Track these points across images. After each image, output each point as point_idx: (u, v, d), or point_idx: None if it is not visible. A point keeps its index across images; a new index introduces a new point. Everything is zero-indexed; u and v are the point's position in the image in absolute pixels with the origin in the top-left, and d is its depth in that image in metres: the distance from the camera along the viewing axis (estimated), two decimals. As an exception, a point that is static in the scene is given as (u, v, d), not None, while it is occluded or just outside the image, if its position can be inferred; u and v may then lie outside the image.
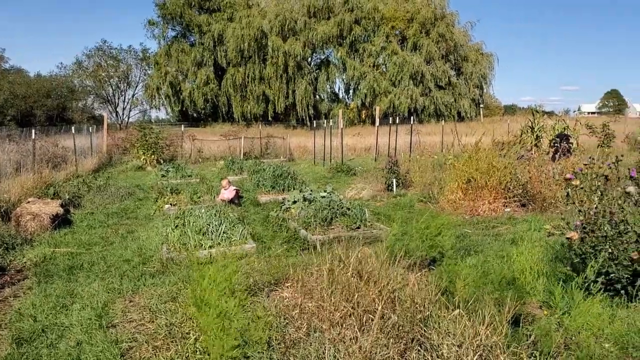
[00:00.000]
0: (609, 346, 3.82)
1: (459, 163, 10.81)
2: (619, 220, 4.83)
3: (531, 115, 20.08)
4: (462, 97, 58.46)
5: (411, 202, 11.23)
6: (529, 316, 4.56)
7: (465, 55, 59.47)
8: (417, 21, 56.79)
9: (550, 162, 12.03)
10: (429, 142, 27.33)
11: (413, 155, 19.58)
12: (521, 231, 7.66)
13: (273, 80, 54.75)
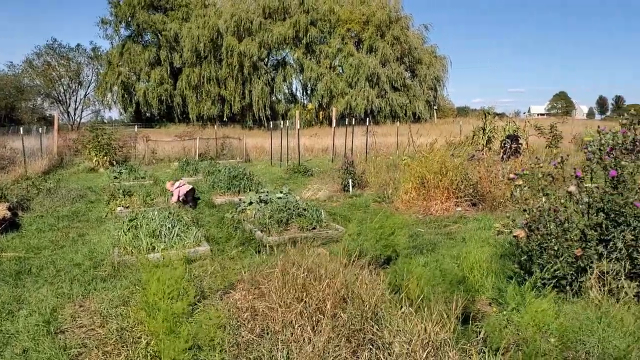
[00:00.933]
0: (554, 341, 3.96)
1: (413, 164, 10.98)
2: (563, 218, 5.00)
3: (483, 116, 20.54)
4: (416, 98, 59.34)
5: (367, 202, 11.34)
6: (478, 313, 4.67)
7: (419, 58, 60.40)
8: (372, 24, 57.37)
9: (501, 162, 12.34)
10: (385, 142, 27.63)
11: (369, 155, 19.78)
12: (471, 230, 7.85)
13: (229, 80, 54.36)
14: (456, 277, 5.21)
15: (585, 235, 4.91)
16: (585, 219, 5.00)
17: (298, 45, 56.48)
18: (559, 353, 3.78)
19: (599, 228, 4.89)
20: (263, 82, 55.51)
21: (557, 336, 3.99)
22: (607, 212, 4.84)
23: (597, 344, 3.79)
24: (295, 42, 56.29)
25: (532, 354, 3.64)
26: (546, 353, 3.72)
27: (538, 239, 4.99)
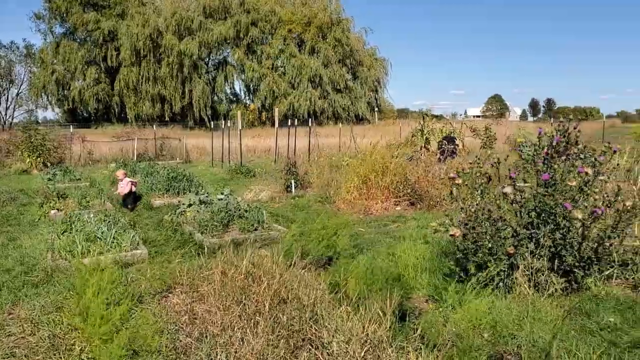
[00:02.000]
0: (487, 335, 4.09)
1: (355, 164, 11.11)
2: (497, 217, 5.18)
3: (421, 118, 21.06)
4: (358, 100, 60.05)
5: (309, 202, 11.38)
6: (416, 310, 4.78)
7: (360, 60, 61.16)
8: (314, 25, 57.65)
9: (438, 162, 12.67)
10: (328, 143, 27.80)
11: (312, 156, 19.85)
12: (410, 229, 8.01)
13: (169, 80, 53.35)
14: (394, 275, 5.30)
15: (518, 234, 5.10)
16: (517, 218, 5.20)
17: (239, 45, 56.10)
18: (492, 347, 3.91)
19: (530, 227, 5.09)
20: (204, 82, 54.81)
21: (490, 331, 4.13)
22: (538, 212, 5.04)
23: (526, 336, 3.95)
24: (236, 42, 55.90)
25: (466, 349, 3.75)
26: (480, 348, 3.85)
27: (473, 238, 5.13)
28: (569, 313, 4.50)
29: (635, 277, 5.10)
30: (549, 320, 4.24)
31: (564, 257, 4.85)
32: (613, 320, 4.27)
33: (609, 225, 4.91)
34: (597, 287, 4.94)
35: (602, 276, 5.10)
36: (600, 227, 4.97)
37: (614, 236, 4.94)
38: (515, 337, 3.99)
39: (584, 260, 4.88)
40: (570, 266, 4.86)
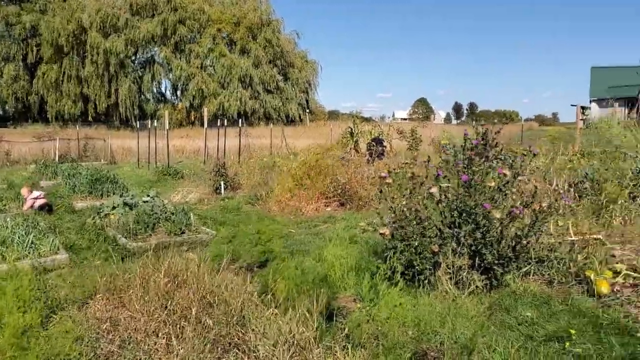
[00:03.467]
0: (411, 332, 4.18)
1: (286, 165, 11.11)
2: (424, 217, 5.31)
3: (351, 120, 21.34)
4: (289, 101, 60.07)
5: (239, 204, 11.27)
6: (343, 310, 4.82)
7: (291, 62, 61.19)
8: (243, 25, 57.17)
9: (367, 163, 12.88)
10: (259, 144, 27.62)
11: (242, 157, 19.69)
12: (339, 229, 8.09)
13: (94, 78, 51.35)
14: (322, 275, 5.33)
15: (442, 233, 5.25)
16: (442, 218, 5.35)
17: (167, 44, 54.87)
18: (416, 344, 4.00)
19: (453, 226, 5.25)
20: (130, 81, 53.18)
21: (414, 328, 4.22)
22: (460, 212, 5.21)
23: (449, 333, 4.07)
24: (164, 40, 54.63)
25: (390, 347, 3.82)
26: (404, 345, 3.93)
27: (401, 236, 5.24)
28: (489, 309, 4.68)
29: (551, 273, 5.36)
30: (471, 316, 4.40)
31: (484, 255, 5.03)
32: (530, 315, 4.47)
33: (527, 224, 5.13)
34: (515, 284, 5.16)
35: (520, 273, 5.33)
36: (518, 225, 5.19)
37: (531, 234, 5.17)
38: (438, 333, 4.10)
39: (503, 257, 5.08)
40: (490, 264, 5.04)
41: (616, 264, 5.32)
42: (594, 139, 11.66)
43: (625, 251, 6.07)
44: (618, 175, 8.32)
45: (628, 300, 4.77)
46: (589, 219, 7.13)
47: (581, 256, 5.46)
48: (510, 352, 3.73)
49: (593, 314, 4.50)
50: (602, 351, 3.83)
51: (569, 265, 5.36)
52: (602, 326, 4.25)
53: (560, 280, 5.26)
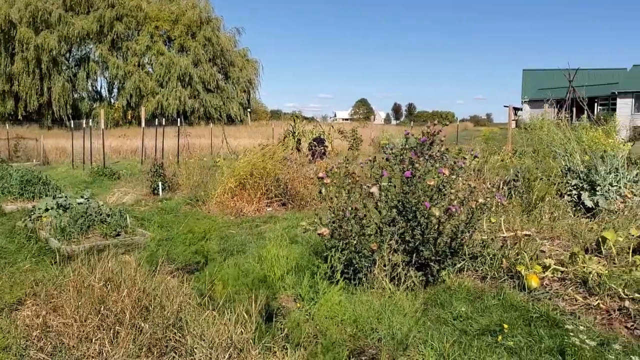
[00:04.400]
0: (350, 330, 4.22)
1: (227, 165, 10.98)
2: (363, 215, 5.37)
3: (293, 120, 21.37)
4: (230, 100, 59.48)
5: (178, 205, 11.06)
6: (283, 310, 4.82)
7: (232, 61, 60.58)
8: (182, 23, 56.21)
9: (308, 163, 12.91)
10: (199, 144, 27.25)
11: (182, 157, 19.32)
12: (281, 229, 8.07)
13: (24, 75, 49.16)
14: (261, 276, 5.32)
15: (382, 231, 5.33)
16: (381, 216, 5.43)
17: (103, 41, 53.25)
18: (354, 342, 4.05)
19: (392, 224, 5.34)
20: (64, 79, 51.27)
21: (353, 325, 4.27)
22: (400, 210, 5.30)
23: (386, 329, 4.14)
24: (99, 37, 52.99)
25: (329, 346, 3.85)
26: (342, 343, 3.96)
27: (340, 235, 5.28)
28: (425, 305, 4.79)
29: (484, 269, 5.53)
30: (407, 312, 4.48)
31: (422, 251, 5.15)
32: (464, 310, 4.60)
33: (462, 221, 5.28)
34: (450, 279, 5.30)
35: (455, 269, 5.48)
36: (454, 223, 5.34)
37: (466, 231, 5.32)
38: (376, 330, 4.16)
39: (440, 254, 5.22)
40: (427, 260, 5.16)
41: (545, 259, 5.55)
42: (526, 139, 12.15)
43: (554, 246, 6.34)
44: (548, 174, 8.68)
45: (556, 294, 4.99)
46: (520, 216, 7.41)
47: (512, 252, 5.66)
48: (444, 346, 3.83)
49: (524, 307, 4.68)
50: (533, 343, 3.98)
51: (501, 261, 5.55)
52: (532, 319, 4.42)
53: (493, 276, 5.44)
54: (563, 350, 3.80)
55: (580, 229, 6.87)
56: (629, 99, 51.52)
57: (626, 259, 5.37)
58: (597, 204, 7.69)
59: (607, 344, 3.92)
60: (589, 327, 4.27)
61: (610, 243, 5.62)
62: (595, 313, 4.60)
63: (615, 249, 5.58)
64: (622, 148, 9.19)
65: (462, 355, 3.77)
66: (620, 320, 4.44)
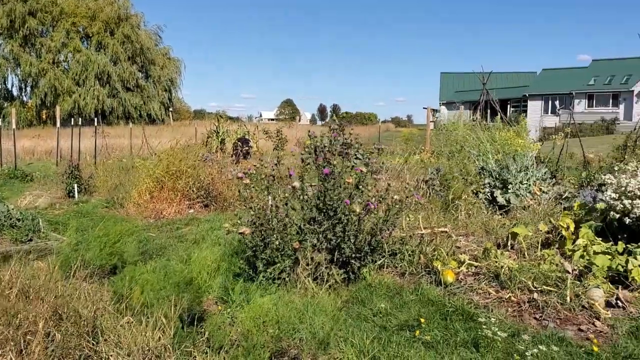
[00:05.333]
0: (272, 331, 4.20)
1: (146, 166, 10.67)
2: (284, 214, 5.36)
3: (216, 120, 21.10)
4: (151, 100, 57.93)
5: (95, 208, 10.64)
6: (205, 313, 4.74)
7: (152, 59, 58.98)
8: (100, 19, 54.15)
9: (233, 163, 12.79)
10: (118, 144, 26.34)
11: (100, 158, 18.63)
12: (203, 231, 7.94)
13: None
14: (183, 279, 5.21)
15: (303, 229, 5.35)
16: (302, 214, 5.45)
17: (14, 37, 50.45)
18: (277, 343, 4.04)
19: (314, 222, 5.37)
20: (-29, 77, 48.21)
21: (275, 326, 4.25)
22: (320, 207, 5.34)
23: (308, 328, 4.16)
24: (10, 32, 50.18)
25: (250, 348, 3.82)
26: (264, 345, 3.94)
27: (262, 235, 5.26)
28: (346, 302, 4.86)
29: (403, 265, 5.68)
30: (329, 311, 4.52)
31: (343, 249, 5.21)
32: (384, 306, 4.70)
33: (380, 218, 5.40)
34: (371, 276, 5.40)
35: (376, 266, 5.59)
36: (373, 220, 5.44)
37: (385, 228, 5.44)
38: (298, 330, 4.17)
39: (360, 251, 5.30)
40: (348, 258, 5.23)
41: (461, 254, 5.76)
42: (443, 140, 12.59)
43: (469, 242, 6.61)
44: (464, 173, 9.04)
45: (471, 288, 5.19)
46: (438, 213, 7.67)
47: (430, 248, 5.84)
48: (364, 343, 3.89)
49: (440, 302, 4.83)
50: (449, 337, 4.13)
51: (419, 257, 5.71)
52: (448, 313, 4.57)
53: (412, 272, 5.59)
54: (477, 343, 3.96)
55: (493, 225, 7.20)
56: (539, 101, 54.64)
57: (535, 253, 5.67)
58: (509, 201, 8.08)
59: (518, 335, 4.13)
60: (501, 319, 4.47)
61: (521, 238, 5.91)
62: (507, 305, 4.82)
63: (525, 244, 5.88)
64: (531, 148, 9.70)
65: (381, 351, 3.85)
66: (529, 311, 4.68)
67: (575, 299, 4.73)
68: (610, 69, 52.35)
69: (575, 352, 3.86)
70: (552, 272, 5.02)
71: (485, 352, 3.83)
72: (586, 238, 5.61)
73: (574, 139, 13.43)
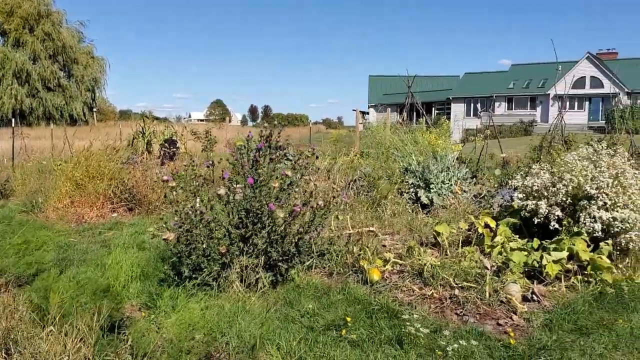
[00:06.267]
0: (199, 337, 4.14)
1: (68, 168, 10.24)
2: (210, 218, 5.29)
3: (142, 120, 20.52)
4: (74, 100, 55.72)
5: (11, 213, 10.10)
6: (129, 320, 4.60)
7: (75, 58, 56.73)
8: (18, 15, 51.54)
9: (159, 165, 12.49)
10: (39, 146, 25.09)
11: (18, 161, 17.71)
12: (127, 235, 7.72)
13: None
14: (104, 286, 5.05)
15: (230, 234, 5.30)
16: (230, 218, 5.40)
17: None
18: (205, 348, 3.98)
19: (241, 226, 5.33)
20: None
21: (202, 332, 4.19)
22: (247, 212, 5.31)
23: (236, 333, 4.12)
24: None
25: (176, 354, 3.75)
26: (190, 350, 3.88)
27: (187, 240, 5.17)
28: (275, 305, 4.85)
29: (331, 265, 5.74)
30: (257, 314, 4.51)
31: (270, 253, 5.20)
32: (312, 307, 4.72)
33: (307, 221, 5.43)
34: (299, 278, 5.42)
35: (304, 267, 5.62)
36: (300, 222, 5.46)
37: (312, 230, 5.48)
38: (226, 334, 4.13)
39: (287, 254, 5.31)
40: (275, 261, 5.23)
41: (386, 253, 5.89)
42: (371, 141, 12.82)
43: (395, 241, 6.76)
44: (389, 174, 9.24)
45: (396, 286, 5.31)
46: (365, 213, 7.80)
47: (356, 247, 5.94)
48: (291, 345, 3.91)
49: (367, 300, 4.92)
50: (374, 335, 4.21)
51: (347, 257, 5.79)
52: (374, 311, 4.66)
53: (339, 271, 5.66)
54: (401, 340, 4.05)
55: (417, 224, 7.41)
56: (462, 104, 56.81)
57: (457, 251, 5.87)
58: (432, 200, 8.34)
59: (439, 331, 4.26)
60: (424, 315, 4.61)
61: (443, 236, 6.11)
62: (430, 302, 4.97)
63: (448, 242, 6.08)
64: (453, 149, 10.05)
65: (308, 352, 3.87)
66: (451, 307, 4.85)
67: (494, 294, 4.94)
68: (529, 73, 55.18)
69: (494, 346, 4.03)
70: (472, 268, 5.22)
71: (408, 348, 3.94)
72: (504, 235, 5.88)
73: (495, 140, 14.03)
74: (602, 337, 4.19)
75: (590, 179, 5.99)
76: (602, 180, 5.89)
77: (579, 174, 6.06)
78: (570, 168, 6.24)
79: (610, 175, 5.98)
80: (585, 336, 4.21)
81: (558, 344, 4.05)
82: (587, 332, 4.29)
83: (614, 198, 5.84)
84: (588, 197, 5.95)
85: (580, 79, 49.58)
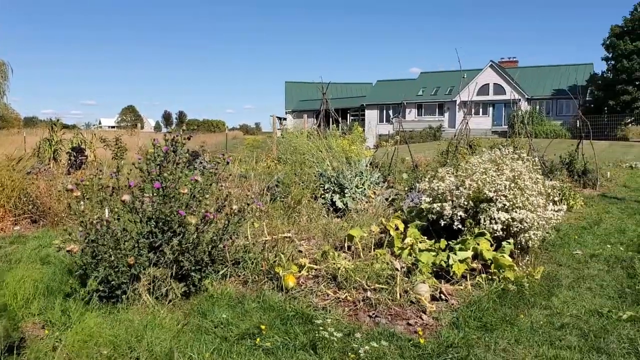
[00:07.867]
0: (106, 352, 3.97)
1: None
2: (118, 229, 5.10)
3: (50, 128, 19.50)
4: (-29, 106, 52.05)
5: None
6: (29, 339, 4.35)
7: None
8: None
9: (66, 175, 11.91)
10: None
11: None
12: (30, 249, 7.31)
13: None
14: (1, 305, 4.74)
15: (139, 244, 5.13)
16: (138, 228, 5.23)
17: None
18: (109, 360, 3.84)
19: (150, 236, 5.18)
20: None
21: (110, 347, 4.03)
22: (156, 220, 5.16)
23: (146, 346, 4.00)
24: None
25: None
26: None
27: (93, 251, 4.96)
28: (187, 316, 4.75)
29: (246, 273, 5.69)
30: (169, 326, 4.39)
31: (181, 262, 5.09)
32: (225, 317, 4.66)
33: (220, 228, 5.36)
34: (213, 287, 5.33)
35: (219, 276, 5.54)
36: (214, 230, 5.38)
37: (226, 238, 5.40)
38: (135, 349, 3.99)
39: (200, 263, 5.21)
40: (187, 270, 5.12)
41: (302, 258, 5.91)
42: (287, 147, 12.85)
43: (310, 246, 6.82)
44: (305, 179, 9.31)
45: (311, 291, 5.34)
46: (282, 219, 7.81)
47: (272, 254, 5.93)
48: (204, 356, 3.84)
49: (282, 307, 4.92)
50: (289, 341, 4.21)
51: (262, 264, 5.76)
52: (289, 318, 4.67)
53: (254, 279, 5.63)
54: (315, 345, 4.08)
55: (332, 228, 7.51)
56: (375, 110, 58.35)
57: (370, 254, 6.01)
58: (347, 205, 8.48)
59: (352, 334, 4.32)
60: (338, 319, 4.67)
61: (356, 240, 6.23)
62: (344, 305, 5.05)
63: (361, 245, 6.21)
64: (365, 154, 10.28)
65: (221, 362, 3.82)
66: (364, 310, 4.95)
67: (405, 295, 5.09)
68: (437, 81, 57.57)
69: (405, 346, 4.15)
70: (384, 270, 5.36)
71: (322, 353, 3.98)
72: (413, 237, 6.07)
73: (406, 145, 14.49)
74: (505, 332, 4.43)
75: (488, 182, 6.33)
76: (500, 184, 6.24)
77: (478, 178, 6.38)
78: (469, 174, 6.55)
79: (508, 178, 6.34)
80: (490, 332, 4.43)
81: (465, 341, 4.23)
82: (491, 328, 4.52)
83: (512, 200, 6.19)
84: (488, 200, 6.28)
85: (484, 86, 52.30)
